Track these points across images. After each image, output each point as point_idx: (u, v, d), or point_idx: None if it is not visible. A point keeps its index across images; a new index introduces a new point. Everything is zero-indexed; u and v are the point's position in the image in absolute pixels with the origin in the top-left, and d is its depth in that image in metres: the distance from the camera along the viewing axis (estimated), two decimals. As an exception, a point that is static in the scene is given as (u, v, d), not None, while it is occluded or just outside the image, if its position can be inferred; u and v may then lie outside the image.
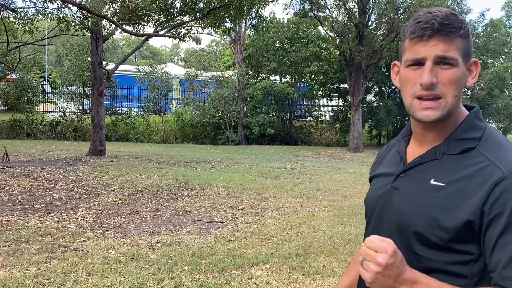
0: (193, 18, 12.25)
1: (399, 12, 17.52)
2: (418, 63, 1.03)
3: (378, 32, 18.95)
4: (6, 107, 21.49)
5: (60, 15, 10.98)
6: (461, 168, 1.01)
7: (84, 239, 4.83)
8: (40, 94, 22.47)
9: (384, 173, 1.20)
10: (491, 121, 23.92)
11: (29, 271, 3.78)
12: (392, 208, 1.11)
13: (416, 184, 1.07)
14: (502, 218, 0.92)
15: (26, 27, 10.82)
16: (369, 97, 24.20)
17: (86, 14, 10.69)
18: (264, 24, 17.96)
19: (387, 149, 1.30)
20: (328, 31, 19.95)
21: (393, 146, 1.24)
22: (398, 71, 1.12)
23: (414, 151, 1.13)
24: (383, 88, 23.88)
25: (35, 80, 22.13)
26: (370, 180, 1.29)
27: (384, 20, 17.87)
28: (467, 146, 1.03)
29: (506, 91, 23.59)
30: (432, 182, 1.04)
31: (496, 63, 23.29)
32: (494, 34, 23.76)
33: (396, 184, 1.12)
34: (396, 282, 0.94)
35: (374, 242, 0.96)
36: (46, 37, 15.22)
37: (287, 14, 31.27)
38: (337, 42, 19.52)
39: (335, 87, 24.14)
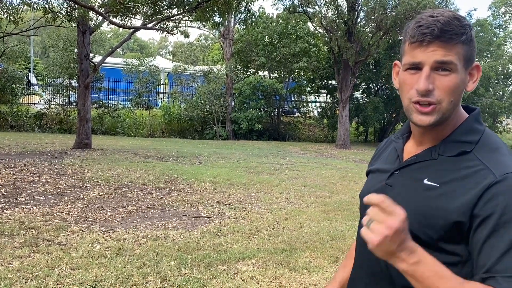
0: (181, 11, 12.17)
1: (388, 10, 17.61)
2: (416, 67, 1.02)
3: (366, 30, 19.04)
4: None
5: (46, 6, 10.81)
6: (455, 170, 1.02)
7: (68, 233, 4.78)
8: (25, 86, 22.10)
9: (380, 169, 1.21)
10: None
11: (12, 265, 3.73)
12: None
13: (410, 182, 1.08)
14: (491, 220, 0.93)
15: (11, 17, 10.65)
16: (357, 94, 24.33)
17: (72, 5, 10.54)
18: (253, 19, 17.97)
19: (385, 145, 1.30)
20: (317, 27, 19.98)
21: (391, 142, 1.25)
22: (399, 71, 1.11)
23: (411, 149, 1.14)
24: (370, 85, 24.04)
25: (20, 71, 21.78)
26: (367, 174, 1.30)
27: (372, 17, 17.96)
28: (463, 149, 1.04)
29: (491, 90, 23.94)
30: (425, 181, 1.04)
31: (482, 62, 23.62)
32: (481, 34, 24.10)
33: (390, 181, 1.13)
34: (399, 248, 0.90)
35: (386, 204, 0.88)
36: (32, 27, 14.96)
37: (277, 9, 31.26)
38: (326, 39, 19.55)
39: (323, 84, 24.22)
